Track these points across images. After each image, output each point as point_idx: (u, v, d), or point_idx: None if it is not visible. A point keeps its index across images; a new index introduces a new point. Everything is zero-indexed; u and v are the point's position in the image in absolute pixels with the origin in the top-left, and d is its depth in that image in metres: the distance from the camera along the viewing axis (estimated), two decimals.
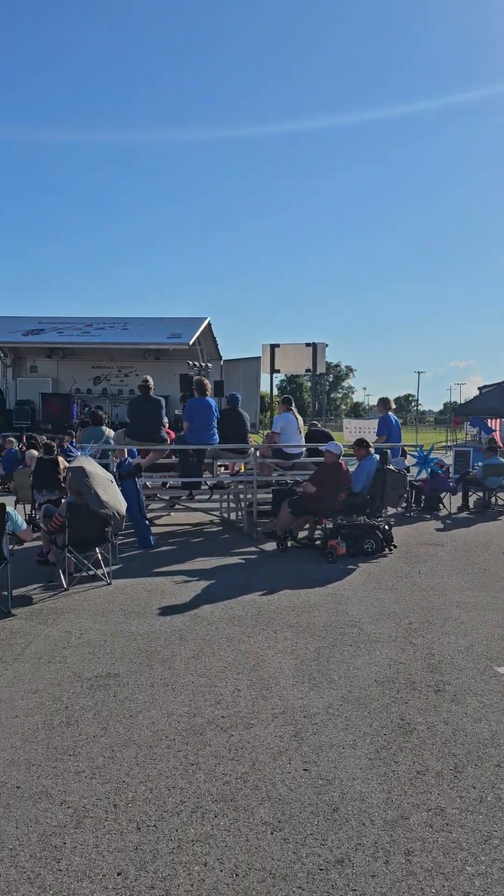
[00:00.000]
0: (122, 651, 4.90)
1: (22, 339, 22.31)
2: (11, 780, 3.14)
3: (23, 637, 5.22)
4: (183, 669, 4.55)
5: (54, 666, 4.60)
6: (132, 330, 22.69)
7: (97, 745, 3.49)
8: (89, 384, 24.04)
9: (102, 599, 6.31)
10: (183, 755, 3.39)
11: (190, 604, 6.17)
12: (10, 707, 3.95)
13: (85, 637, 5.21)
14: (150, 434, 9.54)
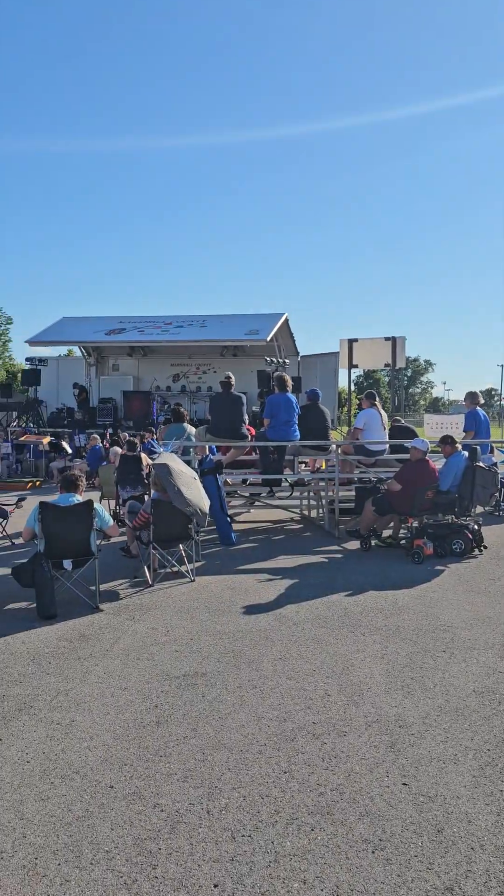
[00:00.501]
0: (209, 650, 4.86)
1: (105, 339, 22.87)
2: (105, 780, 3.13)
3: (111, 632, 5.26)
4: (270, 671, 4.45)
5: (143, 663, 4.60)
6: (210, 327, 22.85)
7: (188, 747, 3.44)
8: (168, 381, 24.39)
9: (187, 596, 6.31)
10: (275, 762, 3.29)
11: (274, 603, 6.08)
12: (102, 703, 3.96)
13: (171, 634, 5.21)
14: (231, 431, 9.52)
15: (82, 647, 4.93)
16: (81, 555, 6.08)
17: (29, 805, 2.93)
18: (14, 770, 3.22)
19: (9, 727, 3.66)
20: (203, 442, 9.63)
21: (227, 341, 22.10)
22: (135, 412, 22.44)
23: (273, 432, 9.40)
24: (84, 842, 2.67)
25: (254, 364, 21.85)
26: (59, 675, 4.41)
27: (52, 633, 5.26)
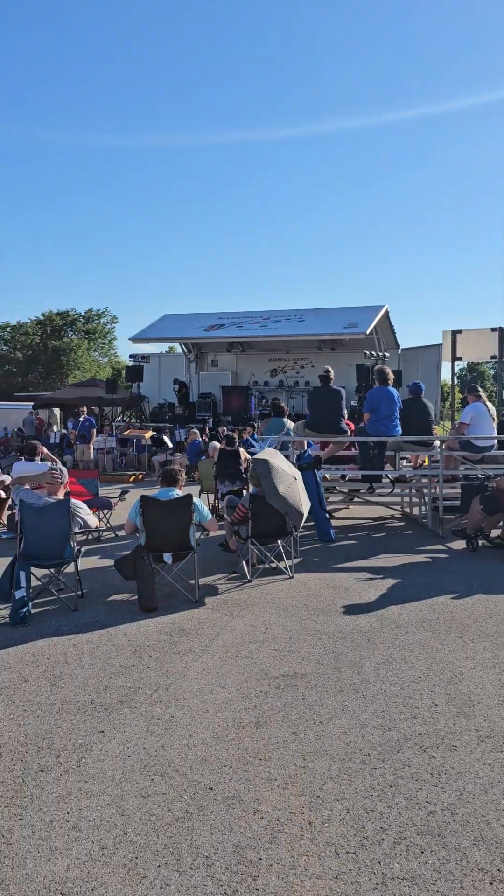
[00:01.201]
0: (308, 650, 4.73)
1: (204, 335, 23.19)
2: (204, 780, 3.08)
3: (210, 628, 5.24)
4: (373, 676, 4.27)
5: (241, 661, 4.54)
6: (308, 321, 22.67)
7: (287, 752, 3.33)
8: (266, 376, 24.43)
9: (285, 593, 6.21)
10: (380, 773, 3.12)
11: (376, 603, 5.87)
12: (201, 700, 3.93)
13: (270, 632, 5.12)
14: (330, 425, 9.34)
15: (182, 642, 4.93)
16: (181, 549, 6.12)
17: (129, 801, 2.91)
18: (115, 764, 3.22)
19: (111, 719, 3.69)
20: (301, 437, 9.51)
21: (325, 335, 21.86)
22: (233, 407, 22.63)
23: (373, 427, 9.13)
24: (183, 844, 2.61)
25: (353, 358, 21.49)
26: (159, 669, 4.42)
27: (153, 626, 5.31)
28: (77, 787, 3.03)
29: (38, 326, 63.97)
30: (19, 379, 59.86)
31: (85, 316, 66.49)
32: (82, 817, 2.80)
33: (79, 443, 17.98)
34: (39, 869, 2.47)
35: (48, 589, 6.07)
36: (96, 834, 2.68)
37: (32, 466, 8.26)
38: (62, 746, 3.39)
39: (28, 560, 5.76)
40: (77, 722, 3.66)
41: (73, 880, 2.41)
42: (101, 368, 62.50)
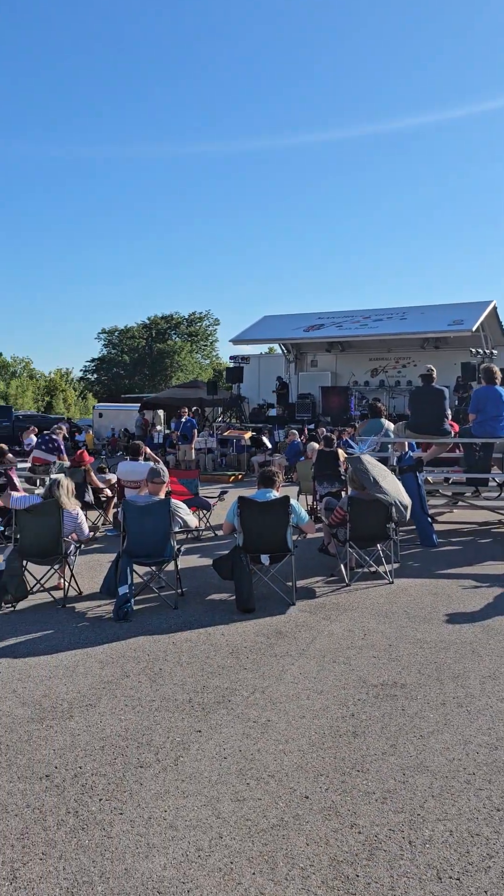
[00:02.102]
0: (409, 659, 4.58)
1: (304, 335, 23.14)
2: (300, 788, 3.03)
3: (307, 631, 5.19)
4: (478, 690, 4.07)
5: (338, 667, 4.46)
6: (411, 319, 22.13)
7: (386, 765, 3.22)
8: (367, 376, 24.05)
9: (384, 599, 6.06)
10: (486, 795, 2.96)
11: (481, 613, 5.61)
12: (297, 706, 3.88)
13: (368, 639, 5.01)
14: (432, 426, 9.04)
15: (278, 644, 4.91)
16: (278, 550, 6.10)
17: (225, 804, 2.91)
18: (212, 765, 3.24)
19: (208, 719, 3.72)
20: (402, 438, 9.26)
21: (428, 333, 21.26)
22: (332, 407, 22.44)
23: (479, 428, 8.75)
24: (279, 853, 2.58)
25: (458, 356, 20.74)
26: (255, 671, 4.42)
27: (250, 627, 5.32)
28: (174, 785, 3.06)
29: (144, 330, 66.22)
30: (126, 381, 62.19)
31: (188, 319, 68.21)
32: (179, 816, 2.82)
33: (180, 443, 18.40)
34: (138, 865, 2.51)
35: (149, 586, 6.22)
36: (192, 834, 2.70)
37: (136, 466, 8.51)
38: (160, 743, 3.45)
39: (131, 557, 5.93)
40: (175, 720, 3.72)
41: (169, 880, 2.44)
42: (203, 370, 63.87)
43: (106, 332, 66.99)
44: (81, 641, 5.00)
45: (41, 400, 60.16)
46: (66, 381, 66.00)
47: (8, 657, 4.67)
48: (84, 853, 2.58)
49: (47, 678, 4.30)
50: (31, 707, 3.88)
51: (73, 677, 4.31)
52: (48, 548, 6.09)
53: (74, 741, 3.48)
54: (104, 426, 30.44)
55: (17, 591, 5.92)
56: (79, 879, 2.44)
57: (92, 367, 67.86)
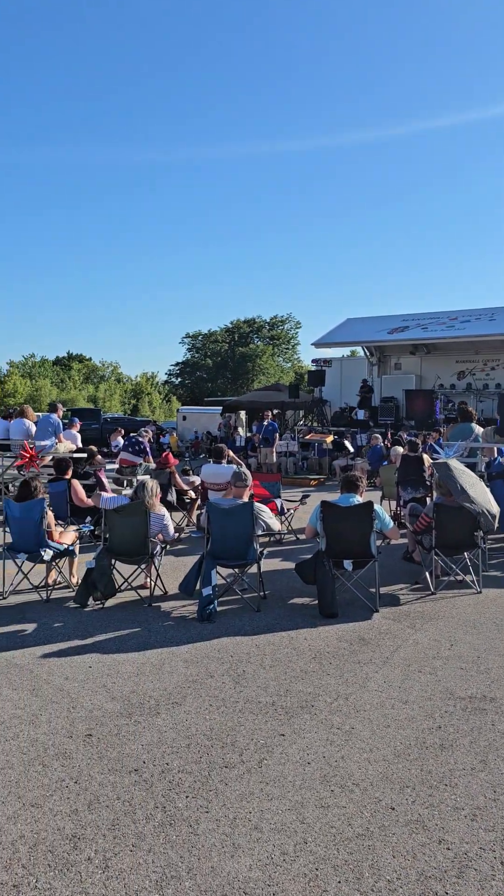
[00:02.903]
0: (499, 672, 4.43)
1: (387, 338, 22.80)
2: (386, 799, 2.99)
3: (391, 640, 5.11)
4: None
5: (424, 677, 4.36)
6: (499, 320, 21.41)
7: (476, 781, 3.13)
8: (453, 379, 23.43)
9: (472, 609, 5.88)
10: None
11: None
12: (382, 714, 3.83)
13: (455, 649, 4.87)
14: None
15: (362, 651, 4.85)
16: (361, 556, 6.03)
17: (309, 810, 2.91)
18: (295, 770, 3.24)
19: (291, 724, 3.72)
20: (492, 443, 8.96)
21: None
22: (417, 411, 21.97)
23: None
24: (364, 864, 2.55)
25: None
26: (338, 677, 4.39)
27: (333, 632, 5.28)
28: (258, 787, 3.08)
29: (227, 334, 67.06)
30: (209, 384, 63.15)
31: (270, 323, 68.57)
32: (264, 819, 2.84)
33: (262, 446, 18.50)
34: (224, 864, 2.55)
35: (232, 588, 6.29)
36: (277, 838, 2.71)
37: (219, 469, 8.63)
38: (244, 745, 3.48)
39: (214, 559, 6.02)
40: (259, 722, 3.74)
41: (254, 881, 2.46)
42: (285, 373, 64.01)
43: (190, 337, 68.30)
44: (167, 640, 5.11)
45: (128, 403, 61.96)
46: (151, 384, 67.70)
47: (98, 652, 4.84)
48: (172, 848, 2.64)
49: (135, 675, 4.43)
50: (120, 702, 4.01)
51: (160, 675, 4.42)
52: (135, 547, 6.26)
53: (161, 738, 3.56)
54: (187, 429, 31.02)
55: (106, 588, 6.11)
56: (167, 873, 2.49)
57: (176, 370, 69.34)
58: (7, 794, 3.02)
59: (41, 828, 2.77)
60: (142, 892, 2.40)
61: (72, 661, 4.67)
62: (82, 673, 4.44)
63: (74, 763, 3.29)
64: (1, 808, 2.91)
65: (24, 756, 3.36)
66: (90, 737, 3.56)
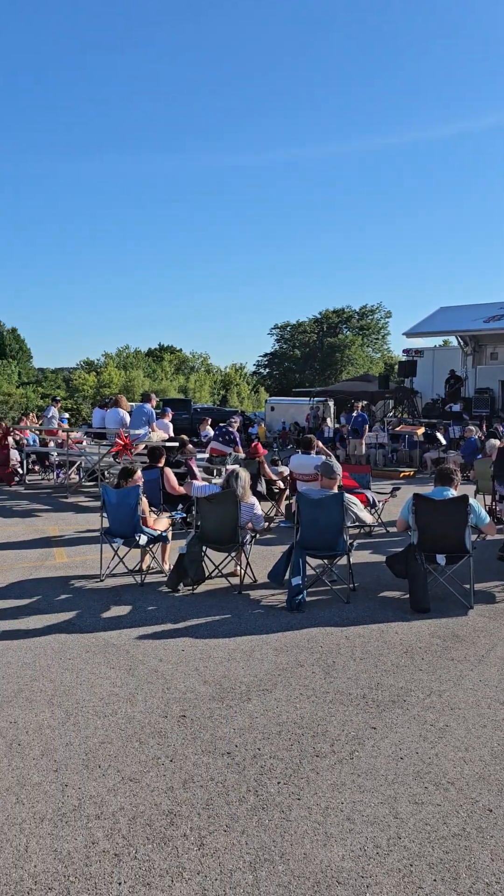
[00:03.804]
0: None
1: (483, 327, 21.99)
2: (482, 800, 2.90)
3: (486, 637, 4.95)
4: None
5: None
6: None
7: None
8: None
9: None
10: None
11: None
12: (478, 714, 3.72)
13: None
14: None
15: (455, 648, 4.73)
16: (455, 551, 5.86)
17: (403, 805, 2.87)
18: (388, 764, 3.20)
19: (383, 717, 3.68)
20: None
21: None
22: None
23: None
24: (461, 864, 2.49)
25: None
26: (431, 673, 4.30)
27: (425, 627, 5.17)
28: (350, 779, 3.07)
29: (315, 325, 66.65)
30: (297, 375, 63.04)
31: (359, 312, 67.58)
32: (356, 810, 2.83)
33: (351, 437, 18.30)
34: (316, 852, 2.56)
35: (321, 579, 6.27)
36: (370, 830, 2.69)
37: (308, 459, 8.60)
38: (335, 736, 3.47)
39: (304, 549, 6.02)
40: (349, 714, 3.72)
41: (347, 871, 2.45)
42: (374, 364, 63.00)
43: (278, 328, 68.32)
44: (257, 628, 5.16)
45: (217, 393, 62.80)
46: (240, 375, 68.30)
47: (190, 637, 4.95)
48: (265, 832, 2.68)
49: (226, 660, 4.50)
50: (212, 686, 4.09)
51: (250, 661, 4.47)
52: (226, 535, 6.36)
53: (252, 723, 3.61)
54: (275, 419, 31.11)
55: (196, 574, 6.24)
56: (260, 856, 2.53)
57: (264, 361, 69.60)
58: (107, 767, 3.15)
59: (139, 801, 2.88)
60: (236, 872, 2.44)
61: (165, 643, 4.80)
62: (175, 656, 4.56)
63: (169, 742, 3.39)
64: (102, 780, 3.04)
65: (121, 732, 3.49)
66: (184, 718, 3.66)
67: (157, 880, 2.40)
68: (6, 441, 13.90)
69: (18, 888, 2.36)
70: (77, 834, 2.66)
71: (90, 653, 4.60)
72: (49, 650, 4.65)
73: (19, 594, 6.00)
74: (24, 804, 2.86)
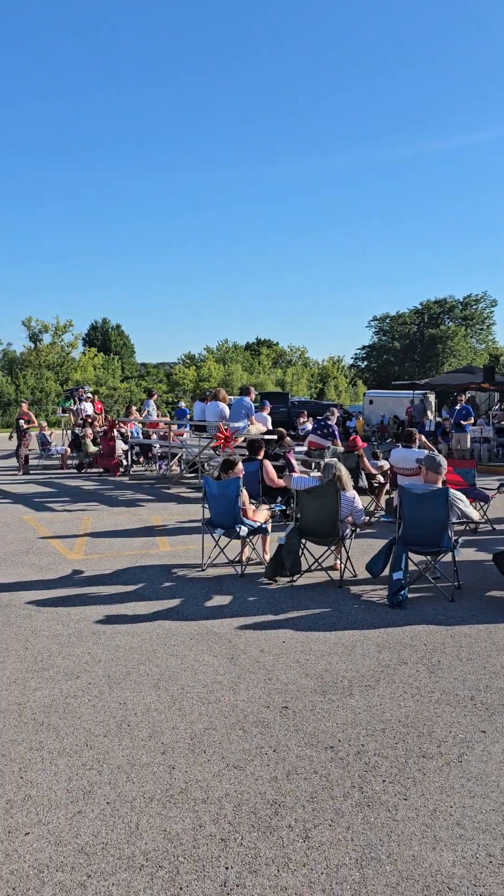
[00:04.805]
0: None
1: None
2: None
3: None
4: None
5: None
6: None
7: None
8: None
9: None
10: None
11: None
12: None
13: None
14: None
15: None
16: None
17: None
18: (499, 770, 3.07)
19: (492, 721, 3.54)
20: None
21: None
22: None
23: None
24: None
25: None
26: None
27: None
28: (459, 782, 2.97)
29: (416, 316, 65.01)
30: (396, 368, 61.78)
31: (463, 302, 65.32)
32: (466, 815, 2.73)
33: (454, 431, 17.70)
34: (425, 855, 2.49)
35: (424, 576, 6.11)
36: (482, 838, 2.59)
37: (409, 453, 8.39)
38: (442, 737, 3.37)
39: (406, 545, 5.87)
40: (457, 715, 3.60)
41: (458, 878, 2.37)
42: (478, 355, 60.71)
43: (377, 320, 67.17)
44: (358, 623, 5.09)
45: (314, 387, 62.55)
46: (337, 368, 67.70)
47: (290, 629, 4.95)
48: (371, 830, 2.63)
49: (327, 654, 4.47)
50: (313, 679, 4.07)
51: (352, 657, 4.42)
52: (325, 529, 6.31)
53: (356, 719, 3.56)
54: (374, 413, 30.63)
55: (293, 566, 6.23)
56: (366, 854, 2.49)
57: (362, 354, 68.65)
58: (212, 753, 3.20)
59: (244, 789, 2.90)
60: (342, 868, 2.42)
61: (266, 634, 4.83)
62: (276, 647, 4.58)
63: (272, 733, 3.40)
64: (207, 765, 3.09)
65: (225, 720, 3.53)
66: (286, 709, 3.66)
67: (264, 868, 2.42)
68: (112, 433, 14.44)
69: (131, 863, 2.44)
70: (185, 816, 2.72)
71: (193, 640, 4.70)
72: (154, 636, 4.78)
73: (126, 580, 6.22)
74: (134, 783, 2.95)
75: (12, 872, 2.41)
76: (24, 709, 3.66)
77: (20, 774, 3.01)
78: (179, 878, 2.37)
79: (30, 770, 3.05)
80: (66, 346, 46.69)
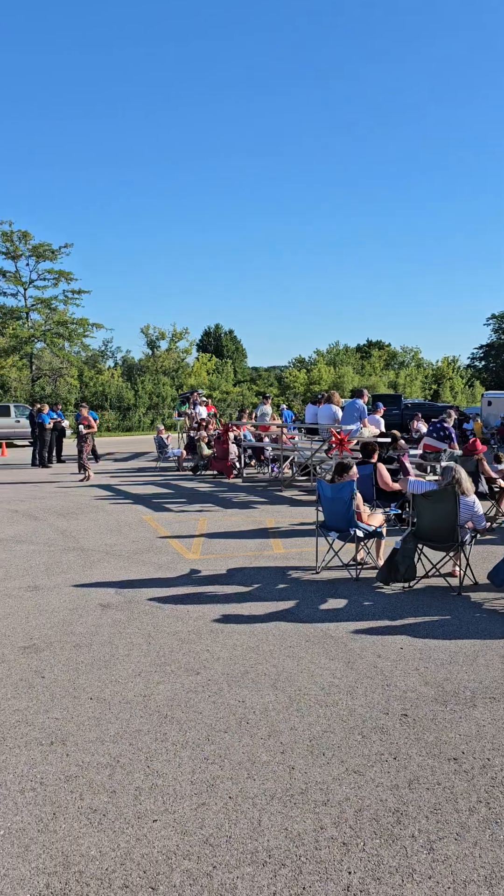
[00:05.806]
0: None
1: None
2: None
3: None
4: None
5: None
6: None
7: None
8: None
9: None
10: None
11: None
12: None
13: None
14: None
15: None
16: None
17: None
18: None
19: None
20: None
21: None
22: None
23: None
24: None
25: None
26: None
27: None
28: None
29: None
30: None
31: None
32: None
33: None
34: None
35: None
36: None
37: None
38: None
39: None
40: None
41: None
42: None
43: (496, 318, 64.34)
44: (480, 632, 4.91)
45: (428, 388, 60.86)
46: (452, 369, 65.49)
47: (408, 635, 4.85)
48: (500, 847, 2.53)
49: (448, 662, 4.34)
50: (433, 688, 3.96)
51: (474, 667, 4.27)
52: (443, 534, 6.13)
53: (480, 731, 3.43)
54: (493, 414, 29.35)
55: (407, 571, 6.09)
56: (496, 873, 2.40)
57: (480, 353, 66.00)
58: (331, 756, 3.20)
59: (364, 795, 2.88)
60: (470, 884, 2.34)
61: (383, 640, 4.75)
62: (394, 653, 4.50)
63: (392, 740, 3.35)
64: (326, 767, 3.09)
65: (343, 724, 3.52)
66: (406, 717, 3.59)
67: (388, 877, 2.39)
68: (226, 436, 14.74)
69: (254, 858, 2.49)
70: (306, 817, 2.73)
71: (309, 642, 4.71)
72: (271, 636, 4.84)
73: (241, 581, 6.33)
74: (255, 780, 3.00)
75: (143, 856, 2.52)
76: (149, 701, 3.81)
77: (147, 763, 3.15)
78: (302, 878, 2.38)
79: (155, 760, 3.17)
80: (181, 353, 48.16)
